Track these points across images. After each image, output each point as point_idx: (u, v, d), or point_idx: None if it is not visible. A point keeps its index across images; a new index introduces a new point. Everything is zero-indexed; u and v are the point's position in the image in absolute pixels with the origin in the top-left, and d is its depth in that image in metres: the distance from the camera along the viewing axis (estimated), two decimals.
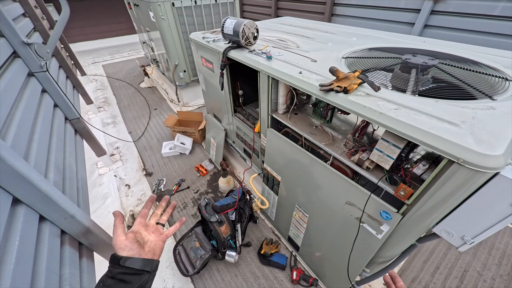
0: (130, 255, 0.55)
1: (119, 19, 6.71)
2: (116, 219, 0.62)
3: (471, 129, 0.66)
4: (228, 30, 1.37)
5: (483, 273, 1.59)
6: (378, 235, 0.98)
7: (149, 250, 0.60)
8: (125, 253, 0.55)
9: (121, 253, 0.55)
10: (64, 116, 1.89)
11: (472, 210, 0.69)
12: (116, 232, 0.59)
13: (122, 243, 0.56)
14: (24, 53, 1.53)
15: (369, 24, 2.92)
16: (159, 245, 0.63)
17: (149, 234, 0.64)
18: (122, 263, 0.52)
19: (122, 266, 0.52)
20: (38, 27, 2.32)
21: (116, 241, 0.57)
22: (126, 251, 0.55)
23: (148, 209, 0.71)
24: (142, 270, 0.54)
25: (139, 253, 0.57)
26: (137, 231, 0.63)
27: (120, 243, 0.56)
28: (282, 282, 1.59)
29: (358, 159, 0.98)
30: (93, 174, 2.50)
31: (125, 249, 0.55)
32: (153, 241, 0.62)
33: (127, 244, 0.56)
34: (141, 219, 0.67)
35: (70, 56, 3.72)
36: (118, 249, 0.55)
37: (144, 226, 0.65)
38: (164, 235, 0.67)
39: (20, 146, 1.07)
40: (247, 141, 1.93)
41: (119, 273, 0.51)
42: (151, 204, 0.72)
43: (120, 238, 0.57)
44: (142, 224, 0.65)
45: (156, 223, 0.70)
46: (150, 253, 0.59)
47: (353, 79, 0.91)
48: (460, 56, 1.15)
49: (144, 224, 0.66)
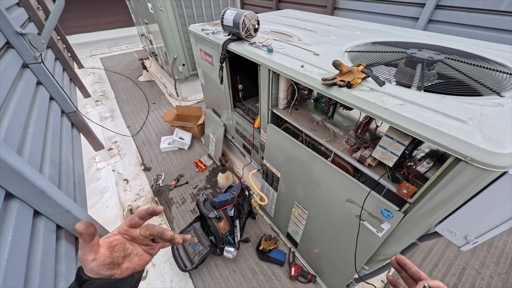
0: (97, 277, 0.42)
1: (117, 10, 6.58)
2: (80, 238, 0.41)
3: (479, 126, 0.64)
4: (228, 22, 1.33)
5: (481, 271, 1.60)
6: (378, 233, 0.97)
7: (128, 268, 0.45)
8: (91, 275, 0.42)
9: (88, 273, 0.42)
10: (60, 109, 1.86)
11: (477, 209, 0.67)
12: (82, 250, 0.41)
13: (88, 265, 0.41)
14: (18, 43, 1.48)
15: (372, 18, 2.86)
16: (144, 259, 0.47)
17: (135, 245, 0.47)
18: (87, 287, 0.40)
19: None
20: (33, 17, 2.26)
21: (81, 260, 0.41)
22: (92, 274, 0.42)
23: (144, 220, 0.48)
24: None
25: (109, 276, 0.43)
26: (118, 242, 0.45)
27: (85, 263, 0.41)
28: (280, 278, 1.59)
29: (360, 156, 0.95)
30: (90, 168, 2.48)
31: (90, 272, 0.41)
32: (138, 254, 0.47)
33: (93, 267, 0.41)
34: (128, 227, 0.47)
35: (67, 48, 3.65)
36: (85, 267, 0.42)
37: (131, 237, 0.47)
38: (157, 249, 0.50)
39: (13, 140, 1.05)
40: (246, 137, 1.90)
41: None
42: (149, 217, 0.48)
43: (87, 257, 0.41)
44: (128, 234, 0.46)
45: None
46: (128, 271, 0.45)
47: (357, 73, 0.88)
48: (466, 51, 1.12)
49: (131, 235, 0.47)
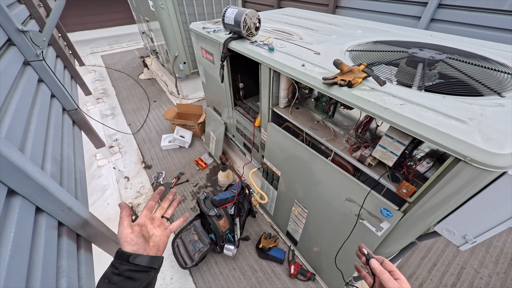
0: (135, 249, 0.53)
1: (118, 8, 6.55)
2: (122, 211, 0.58)
3: (479, 127, 0.64)
4: (229, 20, 1.33)
5: (480, 270, 1.60)
6: (377, 232, 0.97)
7: (154, 245, 0.58)
8: (130, 247, 0.53)
9: (126, 247, 0.53)
10: (61, 106, 1.86)
11: (476, 209, 0.67)
12: (122, 224, 0.56)
13: (128, 236, 0.54)
14: (19, 41, 1.48)
15: (374, 17, 2.85)
16: (163, 240, 0.61)
17: (154, 228, 0.62)
18: (132, 260, 0.50)
19: (130, 263, 0.50)
20: (34, 14, 2.26)
21: (122, 233, 0.54)
22: (131, 245, 0.53)
23: (155, 201, 0.68)
24: (149, 267, 0.53)
25: (144, 248, 0.55)
26: (143, 224, 0.60)
27: (126, 236, 0.54)
28: (280, 276, 1.60)
29: (360, 155, 0.96)
30: (92, 166, 2.49)
31: (130, 243, 0.53)
32: (158, 236, 0.61)
33: (133, 238, 0.54)
34: (147, 211, 0.64)
35: (68, 45, 3.65)
36: (124, 242, 0.53)
37: (150, 219, 0.63)
38: (169, 229, 0.65)
39: (15, 137, 1.05)
40: (247, 135, 1.90)
41: (127, 270, 0.49)
42: (158, 197, 0.69)
43: (126, 231, 0.54)
44: (148, 217, 0.63)
45: (161, 217, 0.68)
46: (154, 248, 0.57)
47: (357, 72, 0.88)
48: (468, 51, 1.11)
49: (150, 217, 0.64)
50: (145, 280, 0.51)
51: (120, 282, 0.48)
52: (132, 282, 0.49)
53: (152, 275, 0.53)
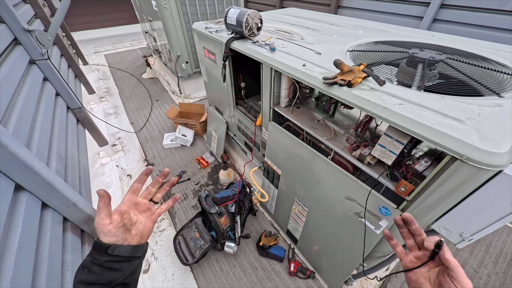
0: (114, 240, 0.49)
1: (121, 7, 6.60)
2: (100, 200, 0.50)
3: (476, 126, 0.65)
4: (231, 20, 1.34)
5: (479, 270, 1.61)
6: (376, 230, 0.98)
7: (137, 234, 0.53)
8: (107, 238, 0.48)
9: (104, 238, 0.48)
10: (66, 105, 1.89)
11: (473, 207, 0.69)
12: (99, 215, 0.49)
13: (106, 227, 0.48)
14: (25, 40, 1.51)
15: (376, 17, 2.85)
16: (148, 226, 0.56)
17: (139, 213, 0.57)
18: (111, 252, 0.47)
19: (109, 255, 0.47)
20: (39, 14, 2.29)
21: (98, 224, 0.49)
22: (109, 237, 0.48)
23: (142, 183, 0.60)
24: (132, 256, 0.50)
25: (124, 238, 0.50)
26: (125, 211, 0.54)
27: (103, 227, 0.48)
28: (280, 273, 1.62)
29: (360, 154, 0.97)
30: (95, 163, 2.52)
31: (108, 234, 0.49)
32: (142, 222, 0.56)
33: (111, 230, 0.49)
34: (132, 195, 0.58)
35: (72, 45, 3.69)
36: (100, 233, 0.49)
37: (134, 205, 0.57)
38: (156, 214, 0.60)
39: (22, 134, 1.08)
40: (248, 134, 1.92)
41: (107, 261, 0.47)
42: (145, 178, 0.60)
43: (104, 222, 0.49)
44: (132, 201, 0.57)
45: (149, 200, 0.61)
46: (137, 236, 0.53)
47: (357, 72, 0.89)
48: (468, 52, 1.12)
49: (134, 201, 0.57)
50: (128, 269, 0.49)
51: (100, 272, 0.46)
52: (114, 272, 0.47)
53: (136, 263, 0.51)
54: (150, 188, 0.63)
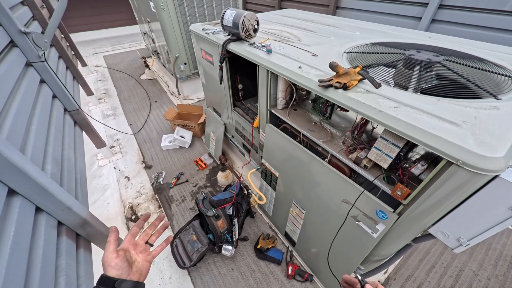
0: (119, 274, 0.54)
1: (120, 9, 6.61)
2: (111, 235, 0.61)
3: (472, 130, 0.64)
4: (228, 22, 1.34)
5: (479, 273, 1.59)
6: (373, 234, 0.97)
7: (137, 271, 0.59)
8: (114, 271, 0.54)
9: (110, 271, 0.54)
10: (63, 107, 1.89)
11: (469, 212, 0.68)
12: (108, 248, 0.58)
13: (113, 261, 0.56)
14: (22, 42, 1.51)
15: (374, 17, 2.84)
16: (146, 266, 0.62)
17: (137, 254, 0.63)
18: (117, 286, 0.52)
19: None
20: (37, 15, 2.29)
21: (107, 258, 0.56)
22: (115, 270, 0.55)
23: (139, 228, 0.70)
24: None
25: (127, 273, 0.56)
26: (127, 249, 0.62)
27: (111, 260, 0.56)
28: (278, 276, 1.60)
29: (356, 157, 0.96)
30: (92, 165, 2.51)
31: (115, 267, 0.55)
32: (140, 262, 0.62)
33: (118, 263, 0.56)
34: (131, 237, 0.66)
35: (70, 46, 3.68)
36: (108, 266, 0.55)
37: (133, 245, 0.64)
38: (151, 255, 0.66)
39: (17, 138, 1.07)
40: (246, 136, 1.91)
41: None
42: (143, 223, 0.71)
43: (112, 255, 0.57)
44: (131, 242, 0.64)
45: (145, 243, 0.68)
46: (137, 273, 0.58)
47: (353, 75, 0.89)
48: (466, 53, 1.11)
49: (133, 243, 0.65)
50: None
51: None
52: None
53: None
54: (147, 231, 0.70)
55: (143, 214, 0.73)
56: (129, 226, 1.94)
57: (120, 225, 1.95)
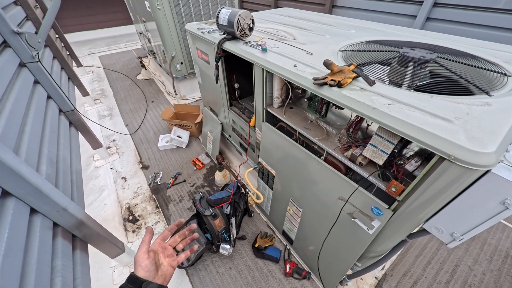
0: (147, 276, 0.56)
1: (115, 8, 6.55)
2: (146, 235, 0.64)
3: (464, 126, 0.65)
4: (223, 21, 1.33)
5: (474, 268, 1.61)
6: (369, 231, 0.98)
7: (161, 275, 0.60)
8: (143, 272, 0.56)
9: (139, 271, 0.56)
10: (58, 108, 1.87)
11: (462, 207, 0.68)
12: (142, 248, 0.60)
13: (144, 261, 0.58)
14: (15, 42, 1.49)
15: (370, 16, 2.86)
16: (170, 271, 0.63)
17: (164, 257, 0.65)
18: (144, 286, 0.54)
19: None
20: (31, 16, 2.26)
21: (139, 257, 0.59)
22: (144, 271, 0.57)
23: (171, 232, 0.71)
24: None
25: (153, 275, 0.58)
26: (157, 251, 0.64)
27: (142, 261, 0.58)
28: (276, 274, 1.61)
29: (351, 154, 0.97)
30: (89, 166, 2.50)
31: (144, 268, 0.57)
32: (165, 266, 0.63)
33: (147, 264, 0.58)
34: (161, 241, 0.67)
35: (65, 46, 3.65)
36: (138, 266, 0.57)
37: (162, 248, 0.65)
38: (176, 261, 0.67)
39: (10, 139, 1.06)
40: (242, 135, 1.91)
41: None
42: (175, 228, 0.73)
43: (144, 256, 0.59)
44: (161, 245, 0.66)
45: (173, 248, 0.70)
46: (161, 277, 0.60)
47: (347, 72, 0.89)
48: (459, 50, 1.12)
49: (163, 246, 0.66)
50: None
51: None
52: None
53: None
54: (176, 237, 0.72)
55: (178, 220, 0.76)
56: (126, 226, 1.93)
57: (117, 226, 1.94)
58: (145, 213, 2.04)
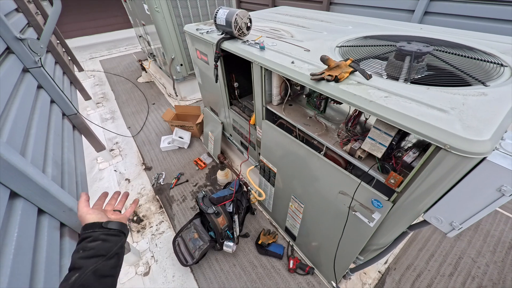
0: (99, 218, 0.58)
1: (115, 13, 6.60)
2: (82, 196, 0.66)
3: (460, 115, 0.66)
4: (221, 21, 1.35)
5: (478, 259, 1.61)
6: (370, 223, 0.99)
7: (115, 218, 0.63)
8: (94, 216, 0.58)
9: (89, 219, 0.57)
10: (61, 112, 1.90)
11: (460, 196, 0.69)
12: (81, 204, 0.63)
13: (89, 210, 0.60)
14: (18, 48, 1.52)
15: (368, 12, 2.86)
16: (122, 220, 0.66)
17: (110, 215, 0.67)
18: (105, 225, 0.56)
19: (104, 228, 0.56)
20: (32, 22, 2.30)
21: (82, 211, 0.60)
22: (95, 215, 0.59)
23: (102, 202, 0.73)
24: (120, 231, 0.58)
25: (106, 217, 0.60)
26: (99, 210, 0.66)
27: (87, 210, 0.60)
28: (279, 270, 1.62)
29: (350, 148, 0.98)
30: (93, 169, 2.53)
31: (93, 214, 0.59)
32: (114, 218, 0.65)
33: (94, 211, 0.60)
34: (99, 205, 0.70)
35: (66, 52, 3.70)
36: (86, 215, 0.58)
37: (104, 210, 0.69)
38: (124, 216, 0.70)
39: (16, 142, 1.09)
40: (243, 134, 1.93)
41: (102, 234, 0.55)
42: (104, 198, 0.75)
43: (87, 208, 0.61)
44: (99, 209, 0.68)
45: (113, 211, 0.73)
46: (114, 216, 0.64)
47: (344, 67, 0.90)
48: (455, 43, 1.13)
49: (102, 210, 0.69)
50: (118, 243, 0.57)
51: (96, 246, 0.53)
52: (108, 243, 0.55)
53: (123, 239, 0.59)
54: (110, 202, 0.74)
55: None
56: (131, 227, 1.96)
57: None
58: (149, 213, 2.07)
